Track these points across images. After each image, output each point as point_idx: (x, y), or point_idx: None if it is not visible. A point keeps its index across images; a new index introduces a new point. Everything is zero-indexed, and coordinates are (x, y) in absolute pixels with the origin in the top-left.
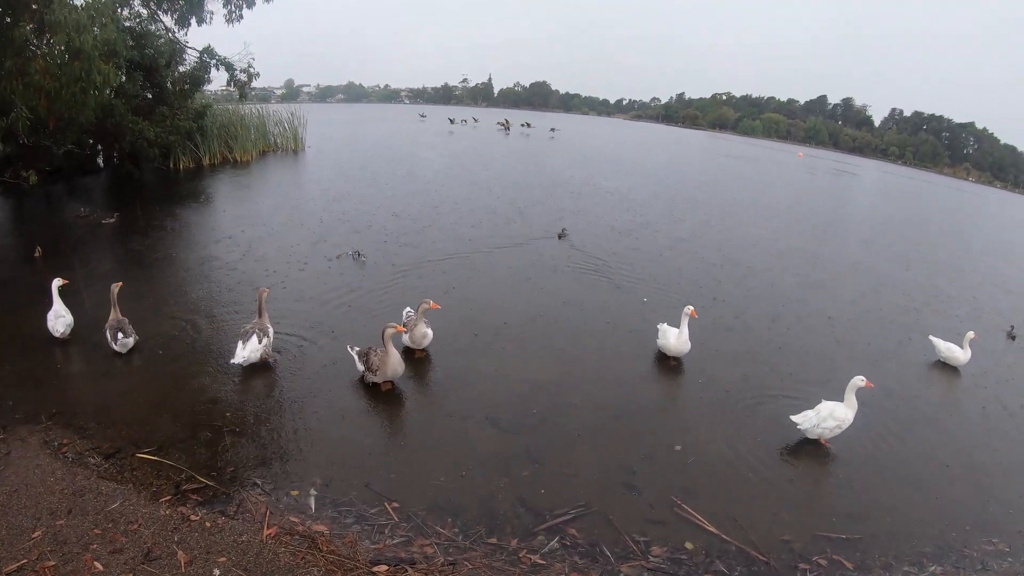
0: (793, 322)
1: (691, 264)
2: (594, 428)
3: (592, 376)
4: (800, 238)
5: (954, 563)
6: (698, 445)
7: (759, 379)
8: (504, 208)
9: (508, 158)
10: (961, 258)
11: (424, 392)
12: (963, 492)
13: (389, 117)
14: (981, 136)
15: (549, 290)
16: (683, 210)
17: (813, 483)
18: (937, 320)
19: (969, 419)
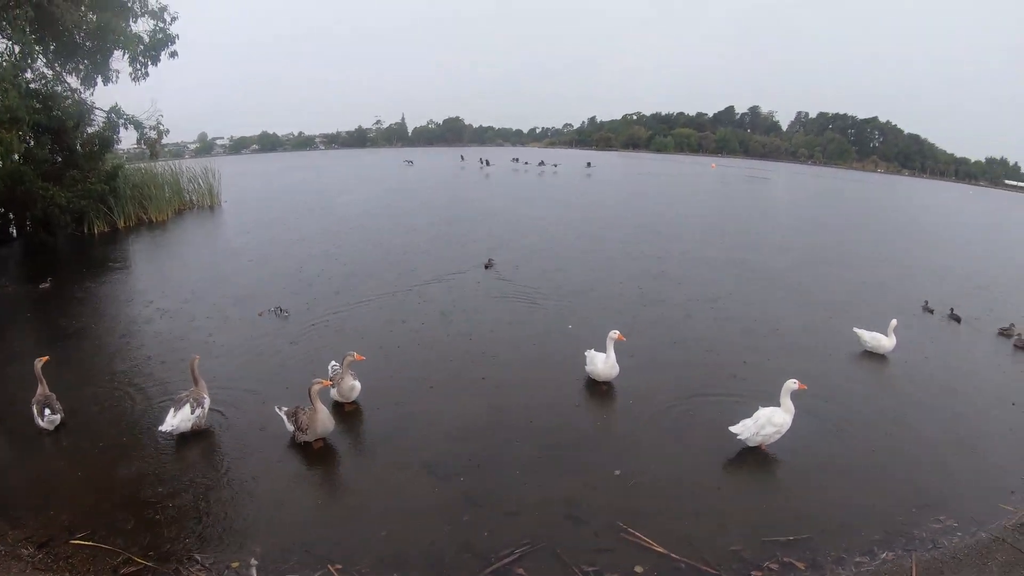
0: (720, 330)
1: (615, 285)
2: (532, 463)
3: (525, 409)
4: (719, 247)
5: (904, 546)
6: (638, 467)
7: (693, 392)
8: (428, 244)
9: (433, 192)
10: (876, 247)
11: (357, 446)
12: (904, 476)
13: (316, 165)
14: (885, 129)
15: (478, 324)
16: (603, 231)
17: (757, 489)
18: (860, 311)
19: (901, 404)
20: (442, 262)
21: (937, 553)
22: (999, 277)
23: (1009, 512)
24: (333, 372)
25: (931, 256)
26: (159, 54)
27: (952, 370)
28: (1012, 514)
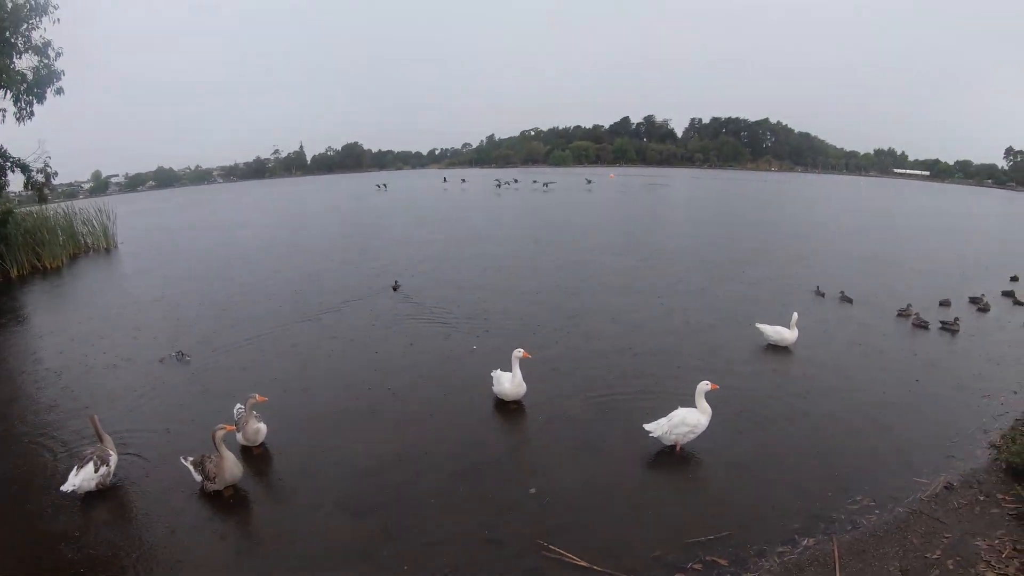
0: (628, 337)
1: (518, 300)
2: (446, 490)
3: (436, 436)
4: (621, 255)
5: (824, 531)
6: (552, 483)
7: (604, 402)
8: (333, 270)
9: (329, 218)
10: (771, 241)
11: (268, 490)
12: (819, 462)
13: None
14: (777, 129)
15: (384, 350)
16: (505, 247)
17: (675, 491)
18: (761, 306)
19: (809, 392)
20: (348, 288)
21: (858, 533)
22: (885, 259)
23: (924, 485)
24: (238, 416)
25: (823, 244)
26: (44, 92)
27: (855, 354)
28: (927, 486)
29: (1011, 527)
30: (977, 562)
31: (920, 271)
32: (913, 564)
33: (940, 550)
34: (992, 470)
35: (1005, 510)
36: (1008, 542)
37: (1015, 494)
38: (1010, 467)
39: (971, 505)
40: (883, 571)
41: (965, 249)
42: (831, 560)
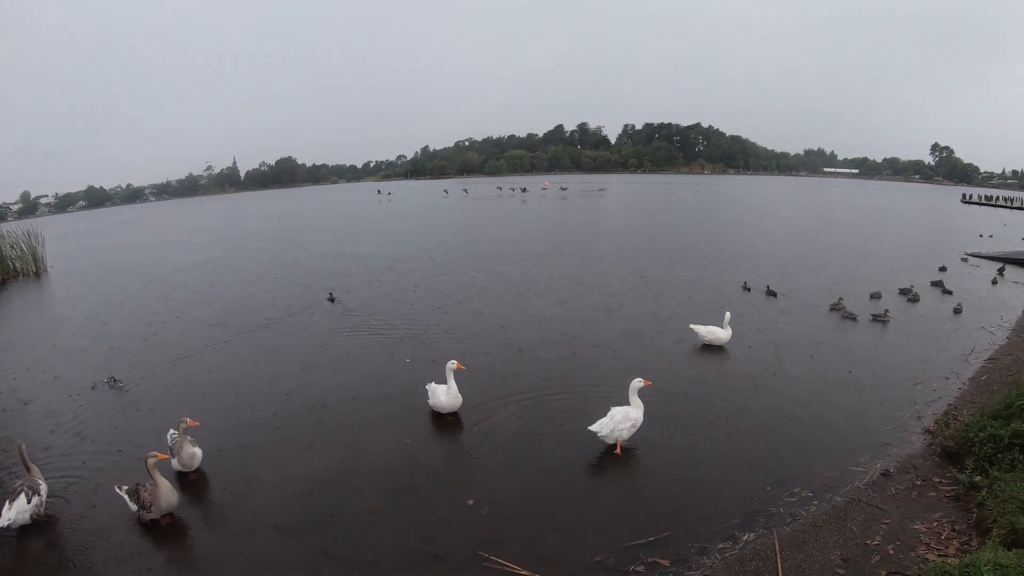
0: (565, 343)
1: (451, 313)
2: (385, 507)
3: (373, 451)
4: (555, 262)
5: (764, 525)
6: (491, 493)
7: (541, 408)
8: (268, 286)
9: (259, 236)
10: (705, 244)
11: (206, 516)
12: (756, 456)
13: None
14: (708, 133)
15: (318, 364)
16: (438, 261)
17: (614, 494)
18: (695, 307)
19: (745, 388)
20: (282, 304)
21: (797, 525)
22: (816, 255)
23: (861, 473)
24: (171, 441)
25: (755, 243)
26: None
27: (789, 349)
28: (863, 474)
29: (948, 509)
30: (917, 545)
31: (851, 265)
32: (853, 551)
33: (880, 536)
34: (927, 455)
35: (942, 493)
36: (946, 524)
37: (951, 477)
38: (945, 451)
39: (908, 490)
40: (824, 560)
41: (894, 242)
42: (772, 553)
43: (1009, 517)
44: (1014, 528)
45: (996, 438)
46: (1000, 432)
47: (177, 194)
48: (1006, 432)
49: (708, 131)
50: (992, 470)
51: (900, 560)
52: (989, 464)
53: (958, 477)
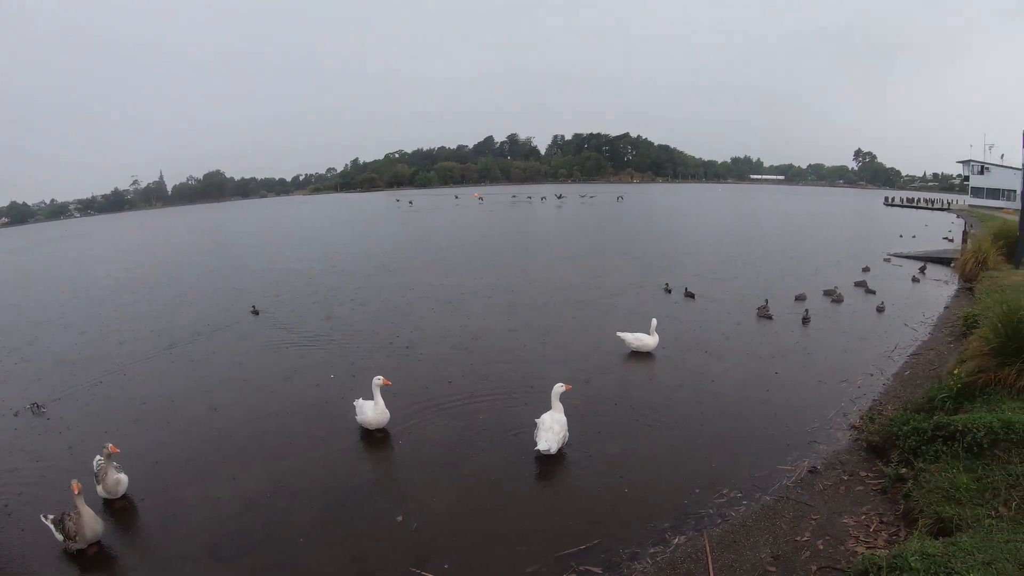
0: (493, 352)
1: (378, 327)
2: (315, 526)
3: (301, 471)
4: (491, 273)
5: (694, 527)
6: (421, 508)
7: (468, 421)
8: (192, 302)
9: (192, 249)
10: (632, 251)
11: (133, 543)
12: (684, 460)
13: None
14: (637, 143)
15: (245, 381)
16: (368, 274)
17: (544, 504)
18: (622, 316)
19: (672, 393)
20: (206, 319)
21: (727, 526)
22: (742, 259)
23: (788, 471)
24: (97, 467)
25: (684, 248)
26: None
27: (715, 352)
28: (791, 472)
29: (876, 502)
30: (846, 539)
31: (777, 269)
32: (784, 548)
33: (809, 532)
34: (854, 450)
35: (869, 487)
36: (874, 516)
37: (877, 471)
38: (871, 446)
39: (836, 485)
40: (755, 559)
41: (819, 245)
42: (703, 555)
43: (935, 507)
44: (940, 517)
45: (920, 431)
46: (923, 425)
47: (103, 210)
48: (929, 425)
49: (637, 140)
50: (917, 462)
51: (830, 554)
52: (914, 456)
53: (884, 470)
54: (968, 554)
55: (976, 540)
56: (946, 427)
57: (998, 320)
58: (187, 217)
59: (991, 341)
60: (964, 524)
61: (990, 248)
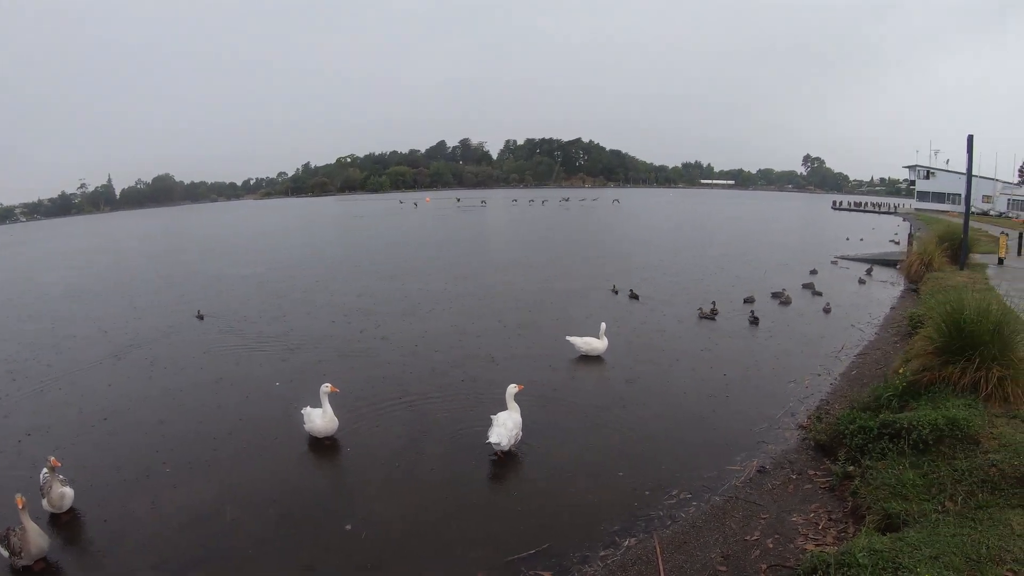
0: (441, 356)
1: (324, 333)
2: (264, 537)
3: (250, 481)
4: (441, 277)
5: (644, 529)
6: (370, 515)
7: (418, 426)
8: (134, 308)
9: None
10: (583, 256)
11: (81, 558)
12: (635, 462)
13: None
14: (589, 148)
15: (191, 389)
16: (316, 279)
17: (493, 509)
18: (573, 320)
19: (622, 396)
20: (150, 326)
21: (677, 527)
22: (692, 263)
23: (737, 471)
24: (43, 481)
25: (635, 253)
26: None
27: (664, 356)
28: (740, 472)
29: (824, 500)
30: (795, 537)
31: (726, 272)
32: (734, 548)
33: (759, 531)
34: (802, 449)
35: (817, 485)
36: (823, 514)
37: (825, 469)
38: (818, 444)
39: (785, 484)
40: (705, 559)
41: (768, 249)
42: (654, 556)
43: (882, 503)
44: (887, 513)
45: (866, 429)
46: (870, 423)
47: (50, 214)
48: (875, 423)
49: (589, 146)
50: (864, 460)
51: (780, 553)
52: (861, 454)
53: (832, 468)
54: (915, 549)
55: (923, 535)
56: (892, 425)
57: (942, 320)
58: (136, 222)
59: (935, 340)
60: (911, 519)
61: (935, 250)
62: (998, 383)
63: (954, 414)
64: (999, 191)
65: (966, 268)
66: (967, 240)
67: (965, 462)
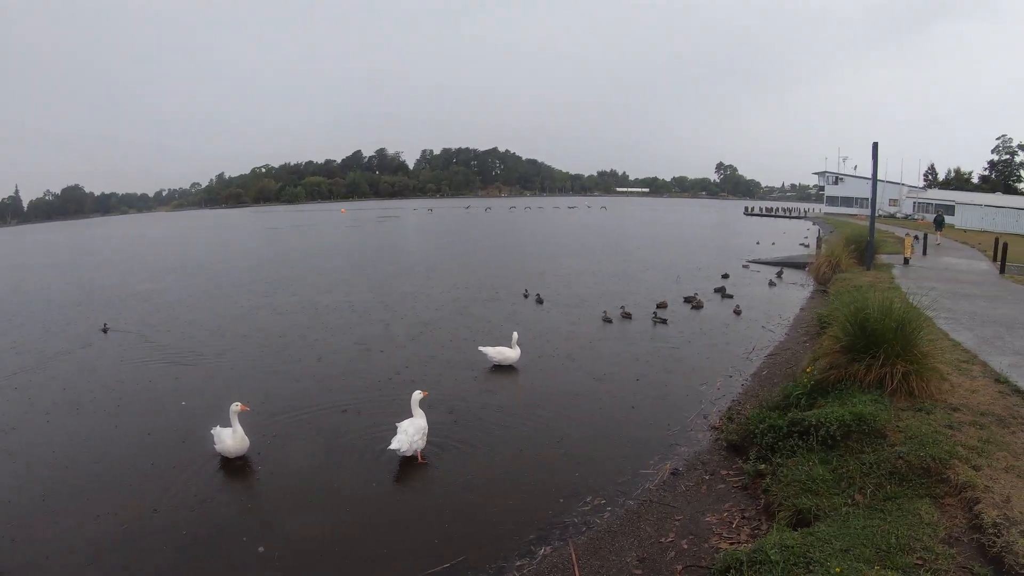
0: (348, 374)
1: (231, 350)
2: (175, 564)
3: (159, 506)
4: (355, 288)
5: (560, 537)
6: (283, 536)
7: (327, 442)
8: (34, 325)
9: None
10: (493, 261)
11: None
12: (548, 471)
13: None
14: (505, 157)
15: (91, 409)
16: (226, 297)
17: (407, 523)
18: (484, 328)
19: (535, 404)
20: (51, 342)
21: (593, 533)
22: (606, 268)
23: (651, 474)
24: None
25: (551, 261)
26: None
27: (577, 362)
28: (654, 475)
29: (737, 499)
30: (710, 536)
31: (639, 277)
32: (649, 551)
33: (673, 532)
34: (715, 450)
35: (730, 484)
36: (736, 512)
37: (737, 468)
38: (731, 444)
39: (698, 485)
40: (621, 563)
41: (681, 254)
42: (569, 564)
43: (792, 499)
44: (799, 509)
45: (776, 428)
46: (779, 422)
47: None
48: (784, 421)
49: (505, 155)
50: (775, 457)
51: (695, 553)
52: (771, 452)
53: (744, 467)
54: (826, 542)
55: (834, 528)
56: (801, 423)
57: (847, 319)
58: (44, 236)
59: (841, 339)
60: (822, 514)
61: (843, 252)
62: (903, 378)
63: (861, 410)
64: (905, 194)
65: (873, 268)
66: (873, 242)
67: (873, 455)
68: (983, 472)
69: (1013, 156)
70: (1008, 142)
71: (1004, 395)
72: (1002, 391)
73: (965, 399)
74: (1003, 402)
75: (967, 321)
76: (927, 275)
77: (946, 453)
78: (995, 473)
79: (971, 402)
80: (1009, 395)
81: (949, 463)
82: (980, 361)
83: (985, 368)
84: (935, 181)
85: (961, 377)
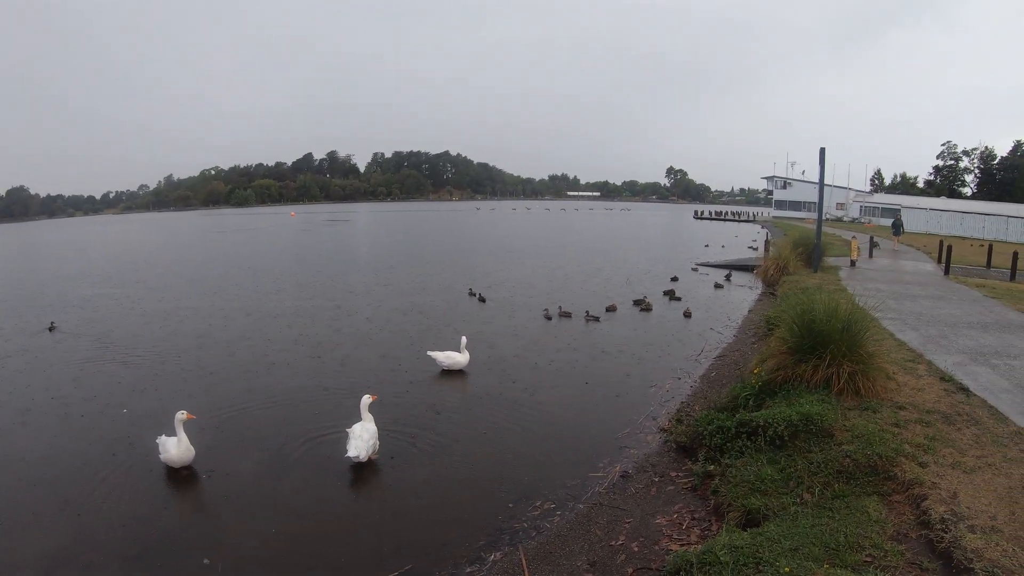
0: (296, 380)
1: (174, 355)
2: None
3: (103, 518)
4: (304, 293)
5: (510, 542)
6: (229, 547)
7: (278, 451)
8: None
9: None
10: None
11: None
12: (496, 476)
13: None
14: (457, 161)
15: (32, 415)
16: (175, 298)
17: (356, 532)
18: (430, 331)
19: (483, 409)
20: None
21: (543, 538)
22: (556, 272)
23: (601, 478)
24: None
25: (499, 264)
26: None
27: (525, 366)
28: (603, 479)
29: (687, 500)
30: (660, 538)
31: (589, 280)
32: (600, 554)
33: (624, 535)
34: (664, 452)
35: (679, 486)
36: (686, 514)
37: (687, 470)
38: (680, 446)
39: (648, 487)
40: (571, 567)
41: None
42: (520, 569)
43: (742, 500)
44: (748, 509)
45: (724, 429)
46: (727, 423)
47: None
48: (732, 422)
49: (457, 159)
50: (723, 458)
51: (645, 555)
52: (720, 453)
53: (693, 469)
54: (775, 542)
55: (783, 528)
56: (749, 423)
57: (795, 321)
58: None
59: (789, 340)
60: (771, 513)
61: (791, 255)
62: (849, 378)
63: (808, 410)
64: (852, 199)
65: (820, 271)
66: (820, 244)
67: (820, 455)
68: (930, 469)
69: (957, 161)
70: (952, 148)
71: (949, 393)
72: (947, 389)
73: (911, 397)
74: (948, 400)
75: (913, 321)
76: (873, 277)
77: (893, 451)
78: (942, 469)
79: (917, 400)
80: (954, 393)
81: (896, 461)
82: (926, 360)
83: (930, 367)
84: (882, 185)
85: (907, 376)
